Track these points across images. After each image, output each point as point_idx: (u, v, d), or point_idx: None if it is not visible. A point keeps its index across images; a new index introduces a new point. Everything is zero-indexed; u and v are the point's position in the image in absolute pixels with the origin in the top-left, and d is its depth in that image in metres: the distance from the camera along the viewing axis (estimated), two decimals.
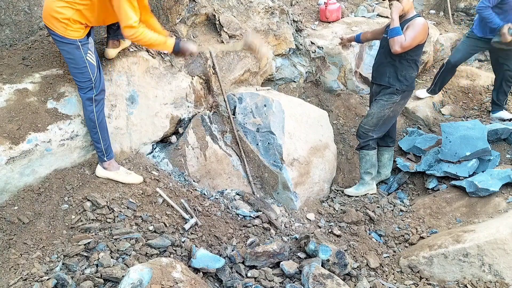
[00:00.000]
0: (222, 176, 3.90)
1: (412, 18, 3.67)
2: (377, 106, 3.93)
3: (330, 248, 2.92)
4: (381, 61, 3.90)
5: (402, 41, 3.55)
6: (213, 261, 2.68)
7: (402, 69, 3.77)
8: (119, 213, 2.87)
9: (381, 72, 3.89)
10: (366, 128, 4.00)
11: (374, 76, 4.03)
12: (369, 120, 3.98)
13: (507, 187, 3.61)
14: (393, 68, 3.79)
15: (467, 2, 6.98)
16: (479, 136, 3.97)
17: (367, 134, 4.01)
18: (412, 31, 3.58)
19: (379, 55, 3.96)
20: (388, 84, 3.85)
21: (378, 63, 3.95)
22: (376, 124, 3.97)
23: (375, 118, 3.94)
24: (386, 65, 3.82)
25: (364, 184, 4.19)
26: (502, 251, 2.85)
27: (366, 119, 4.03)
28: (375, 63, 4.03)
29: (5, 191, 2.73)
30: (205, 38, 4.06)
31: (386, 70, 3.83)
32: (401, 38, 3.56)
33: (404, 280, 3.06)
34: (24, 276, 2.36)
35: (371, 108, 4.01)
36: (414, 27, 3.59)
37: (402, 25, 3.64)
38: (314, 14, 5.66)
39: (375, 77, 4.01)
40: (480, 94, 5.51)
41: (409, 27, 3.60)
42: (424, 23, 3.63)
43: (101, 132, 2.96)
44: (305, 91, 5.07)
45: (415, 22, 3.62)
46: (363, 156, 4.12)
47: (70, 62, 2.78)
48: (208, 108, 4.03)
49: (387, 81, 3.85)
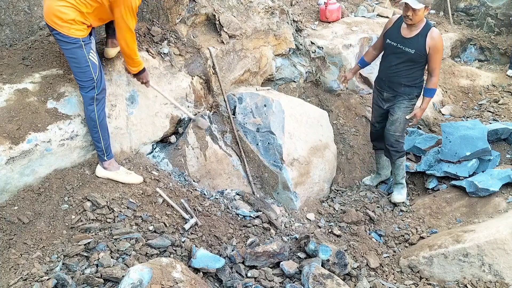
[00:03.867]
0: (222, 176, 3.90)
1: (427, 27, 3.47)
2: (401, 110, 3.77)
3: (330, 248, 2.92)
4: (393, 70, 3.69)
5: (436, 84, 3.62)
6: (213, 261, 2.68)
7: (416, 77, 3.67)
8: (119, 213, 2.87)
9: (395, 81, 3.72)
10: (397, 135, 3.84)
11: (387, 85, 3.80)
12: (397, 127, 3.81)
13: (507, 187, 3.61)
14: (408, 77, 3.66)
15: (467, 2, 6.98)
16: (479, 136, 3.97)
17: (399, 141, 3.87)
18: (438, 55, 3.49)
19: (389, 63, 3.72)
20: (404, 93, 3.73)
21: (390, 72, 3.73)
22: (404, 129, 3.87)
23: (402, 123, 3.80)
24: (400, 74, 3.67)
25: (403, 187, 4.06)
26: (502, 251, 2.85)
27: (393, 126, 3.82)
28: (384, 71, 3.80)
29: (5, 191, 2.73)
30: (205, 38, 4.06)
31: (401, 80, 3.69)
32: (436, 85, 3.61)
33: (404, 280, 3.07)
34: (24, 276, 2.36)
35: (395, 114, 3.80)
36: (438, 50, 3.47)
37: (419, 36, 3.48)
38: (314, 14, 5.66)
39: (388, 86, 3.80)
40: (480, 94, 5.51)
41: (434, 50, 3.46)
42: (441, 39, 3.50)
43: (102, 131, 2.96)
44: (305, 91, 5.07)
45: (437, 42, 3.44)
46: (400, 164, 3.96)
47: (72, 61, 2.77)
48: (208, 108, 4.02)
49: (403, 90, 3.72)
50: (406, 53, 3.56)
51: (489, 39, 6.68)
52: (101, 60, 3.15)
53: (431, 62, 3.53)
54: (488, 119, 4.86)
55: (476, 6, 6.89)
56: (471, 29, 6.87)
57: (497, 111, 5.08)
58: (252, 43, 4.35)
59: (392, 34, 3.64)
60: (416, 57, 3.54)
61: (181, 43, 3.81)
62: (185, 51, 3.81)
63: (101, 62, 3.10)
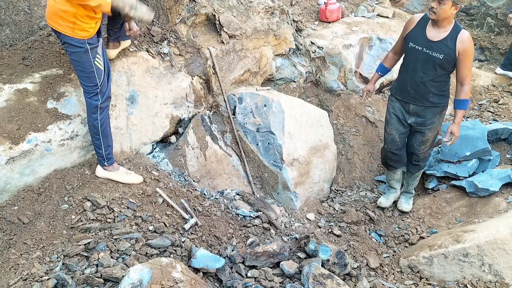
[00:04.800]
0: (222, 176, 3.90)
1: (456, 29, 3.11)
2: (432, 130, 3.48)
3: (330, 248, 2.93)
4: (420, 79, 3.29)
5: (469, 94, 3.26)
6: (213, 261, 2.68)
7: (444, 85, 3.33)
8: (119, 213, 2.87)
9: (423, 91, 3.32)
10: (426, 152, 3.64)
11: (413, 96, 3.38)
12: (427, 146, 3.58)
13: (507, 187, 3.60)
14: (436, 86, 3.29)
15: (467, 2, 6.98)
16: (479, 136, 3.97)
17: (427, 157, 3.73)
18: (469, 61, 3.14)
19: (414, 71, 3.30)
20: (432, 104, 3.35)
21: (416, 81, 3.31)
22: (431, 146, 3.64)
23: (431, 141, 3.57)
24: (428, 83, 3.28)
25: (412, 197, 3.94)
26: (502, 251, 2.85)
27: (423, 146, 3.56)
28: (408, 80, 3.36)
29: (5, 191, 2.73)
30: (205, 38, 4.06)
31: (429, 89, 3.30)
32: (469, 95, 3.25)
33: (404, 280, 3.07)
34: (24, 276, 2.36)
35: (426, 135, 3.49)
36: (469, 55, 3.11)
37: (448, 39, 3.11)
38: (314, 14, 5.66)
39: (414, 97, 3.38)
40: (480, 94, 5.51)
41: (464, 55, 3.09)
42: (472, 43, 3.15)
43: (103, 139, 2.93)
44: (305, 91, 5.07)
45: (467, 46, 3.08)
46: (417, 175, 3.83)
47: (76, 65, 2.70)
48: (208, 108, 4.03)
49: (431, 101, 3.34)
50: (434, 59, 3.16)
51: (489, 39, 6.68)
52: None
53: (461, 68, 3.14)
54: (488, 119, 4.86)
55: (476, 6, 6.89)
56: (471, 29, 6.87)
57: (497, 111, 5.07)
58: (252, 43, 4.35)
59: (416, 37, 3.23)
60: (444, 63, 3.15)
61: (181, 43, 3.81)
62: (185, 51, 3.81)
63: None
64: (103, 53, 2.79)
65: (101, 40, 2.78)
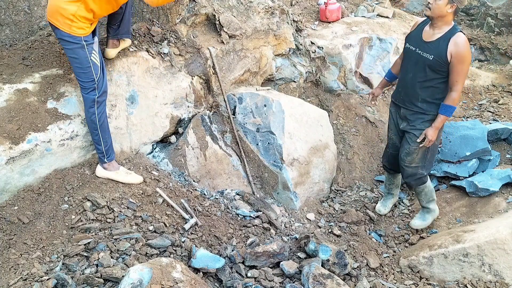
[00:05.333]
0: (222, 176, 3.90)
1: (452, 31, 2.96)
2: (415, 140, 3.21)
3: (330, 248, 2.93)
4: (410, 81, 3.17)
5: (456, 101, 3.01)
6: (213, 261, 2.68)
7: (437, 91, 3.08)
8: (119, 213, 2.87)
9: (412, 94, 3.17)
10: (413, 166, 3.31)
11: (403, 99, 3.26)
12: (413, 158, 3.28)
13: (507, 187, 3.60)
14: (427, 91, 3.10)
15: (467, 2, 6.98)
16: (479, 136, 3.97)
17: (416, 173, 3.33)
18: (462, 66, 2.91)
19: (406, 72, 3.21)
20: (421, 110, 3.15)
21: (406, 83, 3.21)
22: (422, 159, 3.29)
23: (420, 153, 3.24)
24: (418, 86, 3.12)
25: (430, 212, 3.54)
26: (502, 251, 2.85)
27: (409, 157, 3.28)
28: (400, 82, 3.30)
29: (5, 191, 2.73)
30: (205, 38, 4.06)
31: (418, 93, 3.13)
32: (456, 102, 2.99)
33: (404, 280, 3.07)
34: (24, 276, 2.36)
35: (411, 146, 3.24)
36: (462, 59, 2.90)
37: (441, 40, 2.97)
38: (314, 14, 5.66)
39: (404, 100, 3.25)
40: (480, 94, 5.51)
41: (456, 59, 2.90)
42: (468, 47, 2.93)
43: (102, 133, 2.95)
44: (305, 91, 5.07)
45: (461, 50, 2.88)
46: (420, 191, 3.43)
47: (73, 61, 2.76)
48: (208, 108, 4.03)
49: (421, 106, 3.15)
50: (424, 59, 3.02)
51: (489, 39, 6.67)
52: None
53: (452, 73, 2.94)
54: (488, 119, 4.86)
55: (476, 6, 6.89)
56: (471, 29, 6.86)
57: (497, 111, 5.07)
58: (252, 43, 4.35)
59: (412, 38, 3.16)
60: (435, 65, 2.99)
61: (181, 43, 3.81)
62: (185, 51, 3.81)
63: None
64: (98, 50, 2.86)
65: (96, 38, 2.85)
